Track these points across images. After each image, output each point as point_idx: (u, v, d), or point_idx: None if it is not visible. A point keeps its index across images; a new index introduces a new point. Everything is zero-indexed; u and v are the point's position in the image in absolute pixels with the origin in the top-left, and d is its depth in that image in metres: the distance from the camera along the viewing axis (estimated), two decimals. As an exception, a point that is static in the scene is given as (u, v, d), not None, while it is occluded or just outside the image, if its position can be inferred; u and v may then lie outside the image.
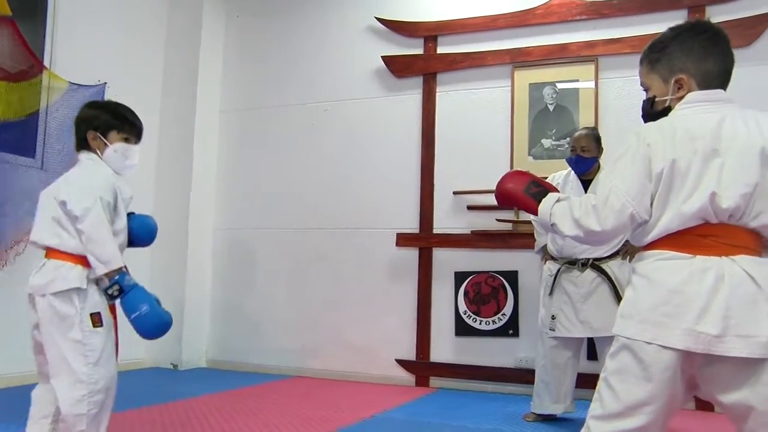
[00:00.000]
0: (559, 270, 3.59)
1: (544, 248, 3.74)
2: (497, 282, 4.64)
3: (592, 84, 4.54)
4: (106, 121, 2.41)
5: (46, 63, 4.62)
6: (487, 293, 4.66)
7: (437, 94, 5.01)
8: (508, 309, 4.59)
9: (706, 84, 1.61)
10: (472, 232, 4.74)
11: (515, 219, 4.59)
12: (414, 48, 5.12)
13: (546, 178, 3.80)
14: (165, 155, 5.61)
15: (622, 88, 4.47)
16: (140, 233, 2.50)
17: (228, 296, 5.55)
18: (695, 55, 1.62)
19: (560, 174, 3.76)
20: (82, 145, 2.43)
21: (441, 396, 4.45)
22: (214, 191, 5.71)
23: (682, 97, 1.62)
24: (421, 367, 4.77)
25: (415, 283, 4.87)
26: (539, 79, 4.70)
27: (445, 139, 4.95)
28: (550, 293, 3.60)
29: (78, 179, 2.33)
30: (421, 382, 4.77)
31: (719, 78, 1.62)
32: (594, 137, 3.64)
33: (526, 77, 4.73)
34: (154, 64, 5.67)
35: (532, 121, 4.68)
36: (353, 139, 5.26)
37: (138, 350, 5.29)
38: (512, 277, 4.60)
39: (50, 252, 2.28)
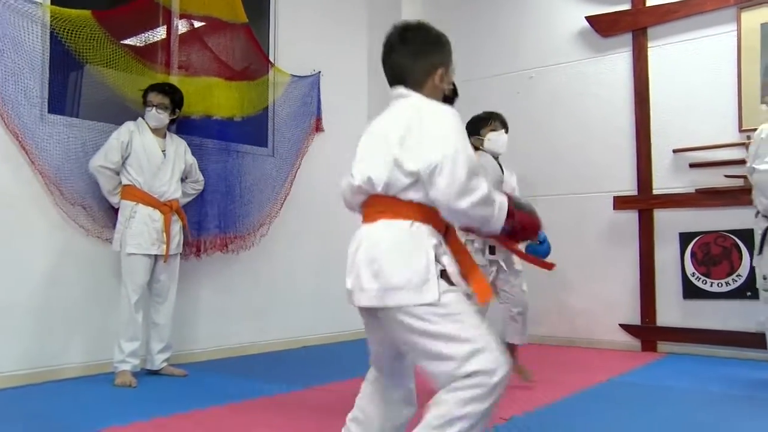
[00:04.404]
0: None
1: None
2: (729, 242, 4.38)
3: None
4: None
5: (271, 60, 5.06)
6: (718, 254, 4.42)
7: (649, 49, 4.79)
8: (743, 270, 4.32)
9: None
10: (696, 190, 4.51)
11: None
12: (620, 4, 4.93)
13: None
14: (375, 135, 5.90)
15: None
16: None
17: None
18: None
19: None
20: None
21: (672, 360, 4.32)
22: (422, 166, 5.91)
23: None
24: (648, 331, 4.66)
25: (636, 246, 4.74)
26: (772, 17, 4.32)
27: (660, 96, 4.73)
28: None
29: None
30: (648, 346, 4.66)
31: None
32: None
33: (756, 17, 4.36)
34: (359, 47, 5.97)
35: (765, 66, 4.31)
36: (561, 104, 5.19)
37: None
38: (747, 235, 4.30)
39: None
